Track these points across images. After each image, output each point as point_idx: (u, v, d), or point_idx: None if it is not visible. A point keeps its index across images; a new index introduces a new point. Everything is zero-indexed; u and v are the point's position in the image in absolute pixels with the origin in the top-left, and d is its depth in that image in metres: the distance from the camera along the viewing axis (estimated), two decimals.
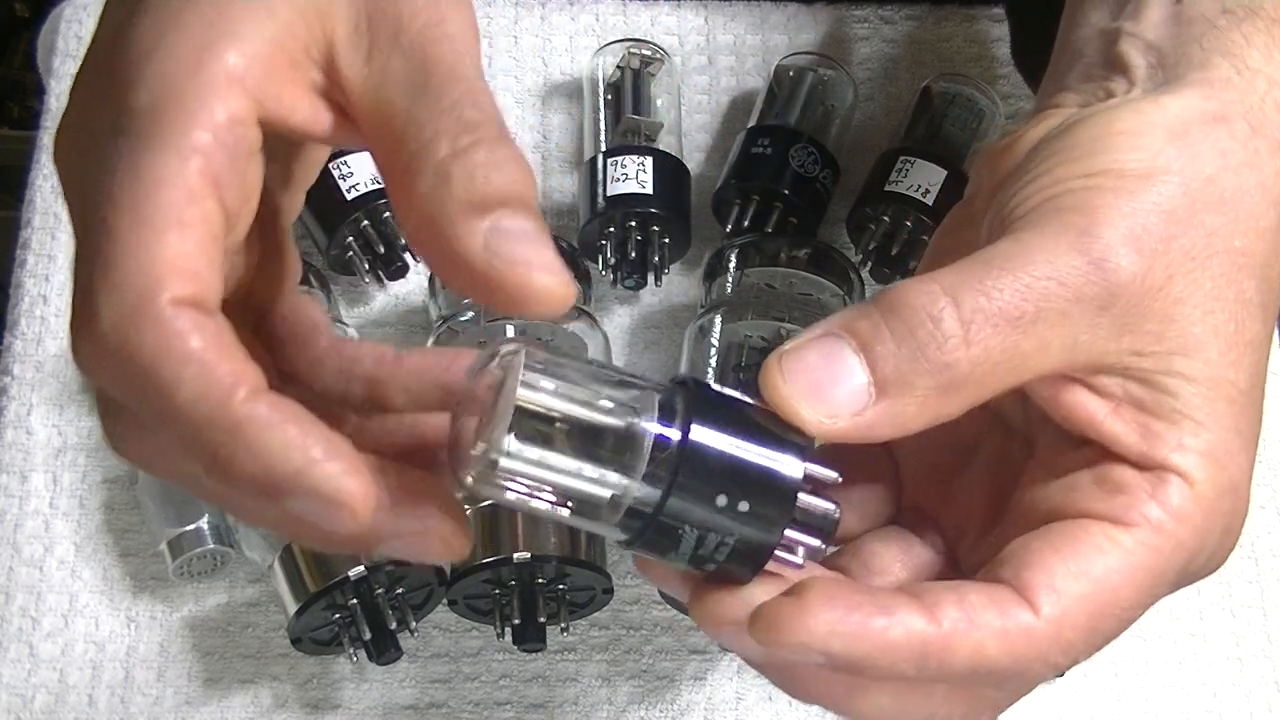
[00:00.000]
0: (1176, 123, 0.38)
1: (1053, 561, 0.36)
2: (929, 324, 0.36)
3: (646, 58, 0.69)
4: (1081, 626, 0.36)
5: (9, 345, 0.65)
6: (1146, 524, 0.36)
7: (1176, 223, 0.37)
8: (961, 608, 0.35)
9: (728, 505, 0.35)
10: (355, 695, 0.59)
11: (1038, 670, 0.36)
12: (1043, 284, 0.36)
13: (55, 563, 0.61)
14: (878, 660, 0.35)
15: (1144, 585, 0.36)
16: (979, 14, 0.74)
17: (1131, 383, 0.37)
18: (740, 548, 0.35)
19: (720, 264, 0.62)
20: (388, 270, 0.65)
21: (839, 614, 0.34)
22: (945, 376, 0.36)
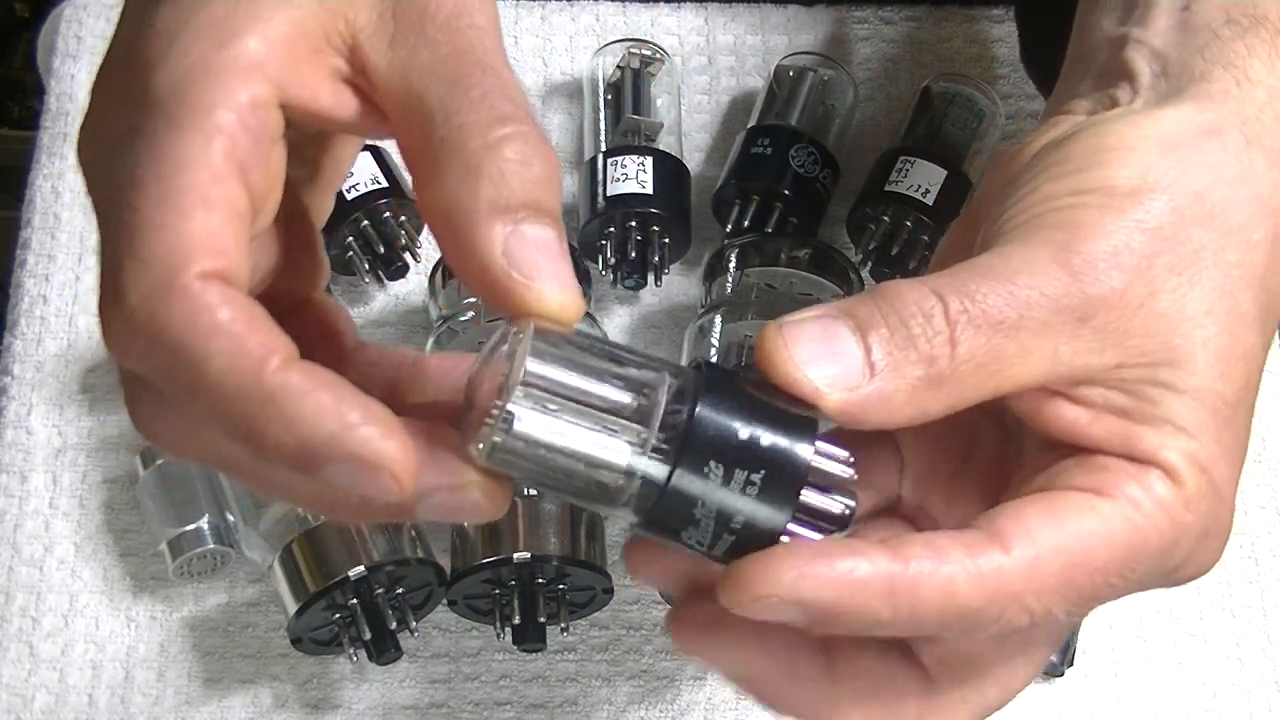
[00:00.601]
0: (1170, 137, 0.39)
1: (1028, 513, 0.36)
2: (920, 317, 0.36)
3: (646, 58, 0.69)
4: (1055, 574, 0.36)
5: (9, 345, 0.65)
6: (1126, 499, 0.36)
7: (1162, 239, 0.37)
8: (929, 548, 0.35)
9: (740, 476, 0.35)
10: (355, 695, 0.59)
11: (1013, 614, 0.36)
12: (1025, 292, 0.36)
13: (55, 563, 0.61)
14: (849, 602, 0.35)
15: (1119, 553, 0.36)
16: (979, 14, 0.74)
17: (1114, 393, 0.37)
18: (751, 527, 0.35)
19: (720, 264, 0.62)
20: (388, 270, 0.65)
21: (804, 559, 0.35)
22: (933, 369, 0.36)
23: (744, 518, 0.35)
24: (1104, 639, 0.61)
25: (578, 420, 0.35)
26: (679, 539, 0.36)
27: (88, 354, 0.65)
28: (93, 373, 0.65)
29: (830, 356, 0.36)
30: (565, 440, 0.34)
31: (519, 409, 0.34)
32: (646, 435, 0.35)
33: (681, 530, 0.36)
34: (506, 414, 0.34)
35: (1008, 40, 0.74)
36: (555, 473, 0.35)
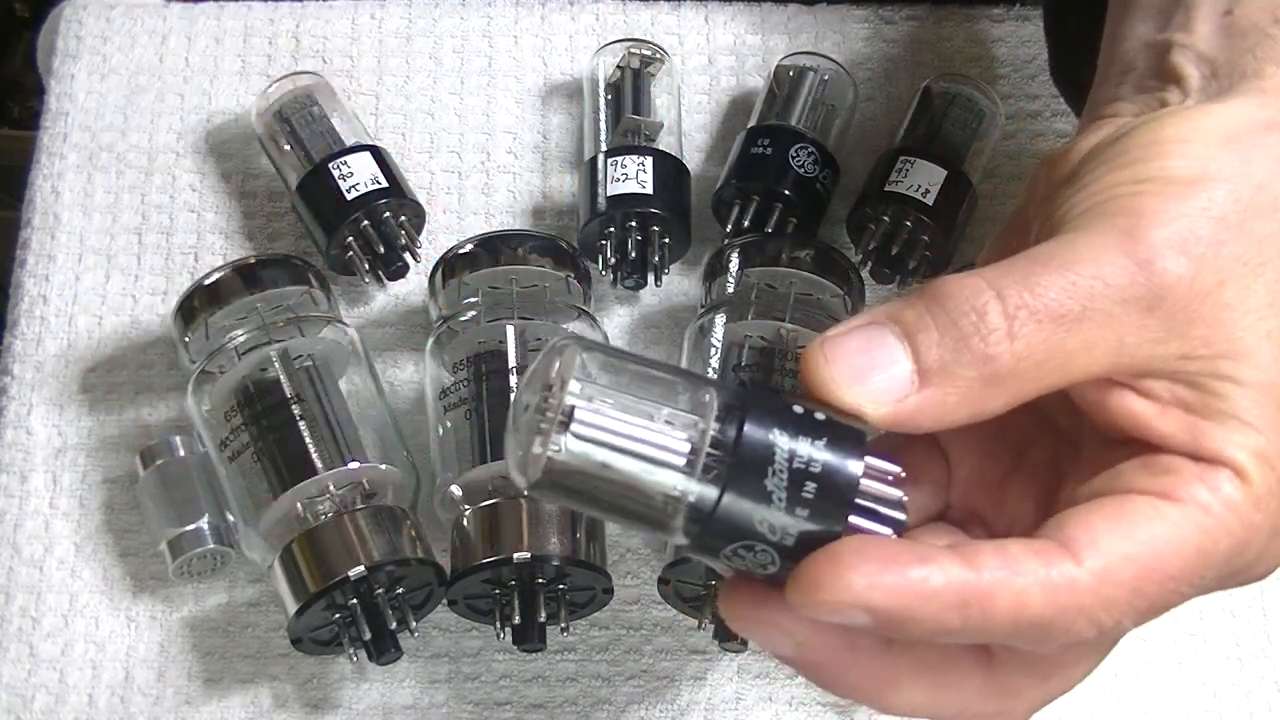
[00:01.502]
0: (1229, 129, 0.38)
1: (1096, 521, 0.36)
2: (973, 315, 0.36)
3: (646, 58, 0.69)
4: (1125, 584, 0.35)
5: (9, 345, 0.65)
6: (1194, 502, 0.36)
7: (1227, 228, 0.37)
8: (1002, 557, 0.35)
9: (790, 495, 0.34)
10: (355, 695, 0.59)
11: (1080, 626, 0.35)
12: (1089, 283, 0.36)
13: (55, 563, 0.61)
14: (919, 611, 0.34)
15: (1190, 560, 0.36)
16: (979, 14, 0.74)
17: (1179, 386, 0.37)
18: (801, 546, 0.35)
19: (720, 264, 0.62)
20: (388, 270, 0.65)
21: (876, 566, 0.34)
22: (988, 369, 0.35)
23: (795, 534, 0.35)
24: None
25: (633, 421, 0.34)
26: (729, 558, 0.35)
27: (88, 354, 0.65)
28: (93, 373, 0.65)
29: (874, 370, 0.36)
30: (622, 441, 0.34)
31: (578, 403, 0.34)
32: (696, 452, 0.34)
33: (732, 549, 0.35)
34: (566, 408, 0.33)
35: (1008, 40, 0.74)
36: (608, 483, 0.34)
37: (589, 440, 0.34)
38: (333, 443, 0.57)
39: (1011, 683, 0.38)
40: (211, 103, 0.71)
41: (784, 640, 0.37)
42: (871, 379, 0.36)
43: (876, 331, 0.36)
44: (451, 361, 0.60)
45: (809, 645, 0.37)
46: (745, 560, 0.35)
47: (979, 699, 0.38)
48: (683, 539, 0.35)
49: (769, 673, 0.60)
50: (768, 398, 0.35)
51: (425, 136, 0.71)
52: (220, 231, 0.68)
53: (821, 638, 0.36)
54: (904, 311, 0.36)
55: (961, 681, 0.38)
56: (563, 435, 0.34)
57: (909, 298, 0.37)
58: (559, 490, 0.35)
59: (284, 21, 0.73)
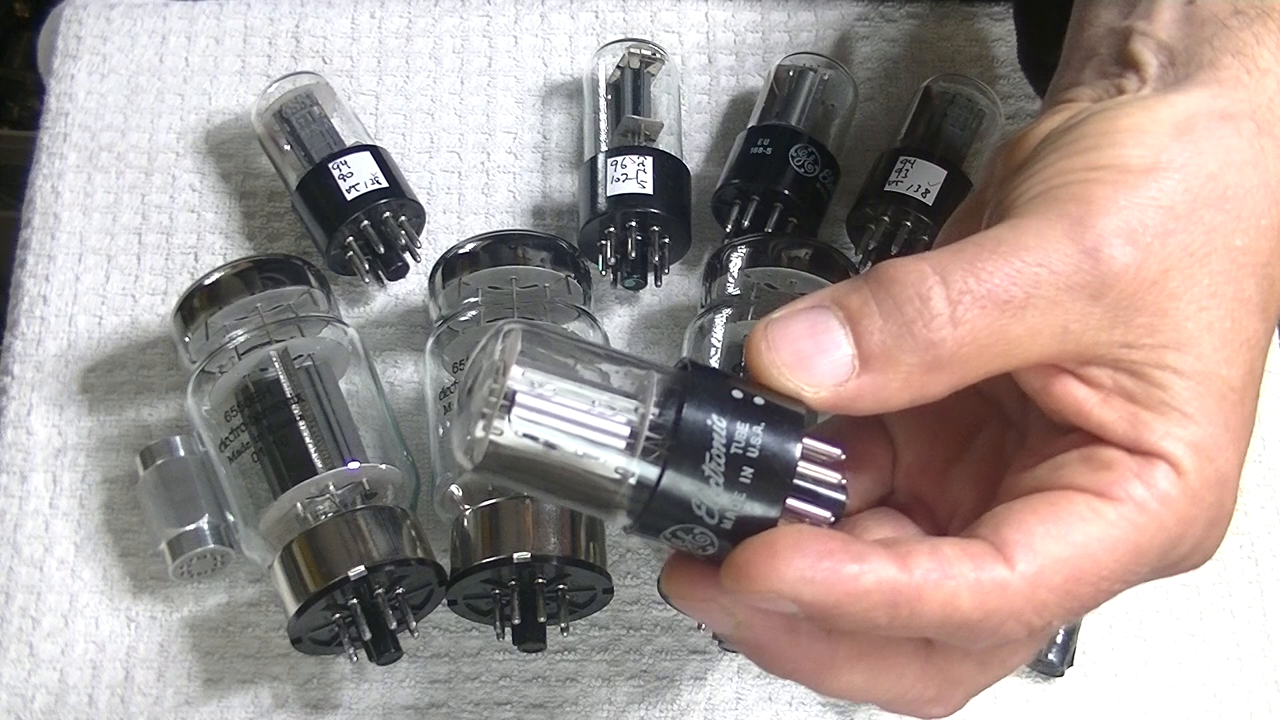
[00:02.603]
0: (1182, 119, 0.38)
1: (1031, 522, 0.36)
2: (916, 301, 0.36)
3: (646, 57, 0.69)
4: (1057, 588, 0.36)
5: (9, 345, 0.65)
6: (1130, 500, 0.36)
7: (1175, 218, 0.37)
8: (935, 558, 0.35)
9: (729, 476, 0.35)
10: (355, 695, 0.59)
11: (1010, 628, 0.36)
12: (1033, 270, 0.36)
13: (55, 563, 0.61)
14: (849, 608, 0.35)
15: (1123, 559, 0.36)
16: (979, 13, 0.74)
17: (1121, 374, 0.37)
18: (741, 527, 0.35)
19: (720, 264, 0.62)
20: (388, 270, 0.65)
21: (810, 560, 0.34)
22: (930, 354, 0.36)
23: (734, 517, 0.35)
24: (1104, 639, 0.61)
25: (574, 405, 0.35)
26: (670, 539, 0.36)
27: (88, 354, 0.65)
28: (93, 373, 0.65)
29: (817, 354, 0.36)
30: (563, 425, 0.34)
31: (519, 388, 0.34)
32: (636, 436, 0.35)
33: (672, 530, 0.35)
34: (508, 393, 0.34)
35: (1008, 40, 0.74)
36: (550, 466, 0.35)
37: (530, 423, 0.35)
38: (333, 443, 0.57)
39: (950, 669, 0.38)
40: (211, 103, 0.71)
41: (724, 618, 0.37)
42: (813, 363, 0.36)
43: (820, 316, 0.36)
44: (451, 361, 0.60)
45: (748, 626, 0.37)
46: (685, 541, 0.36)
47: (918, 684, 0.38)
48: (626, 520, 0.36)
49: (769, 673, 0.60)
50: (709, 382, 0.36)
51: (425, 136, 0.71)
52: (220, 231, 0.68)
53: (760, 619, 0.37)
54: (848, 296, 0.37)
55: (900, 666, 0.38)
56: (504, 419, 0.34)
57: (854, 280, 0.37)
58: (503, 472, 0.35)
59: (284, 21, 0.73)
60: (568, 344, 0.36)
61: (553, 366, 0.35)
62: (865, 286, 0.37)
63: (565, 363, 0.36)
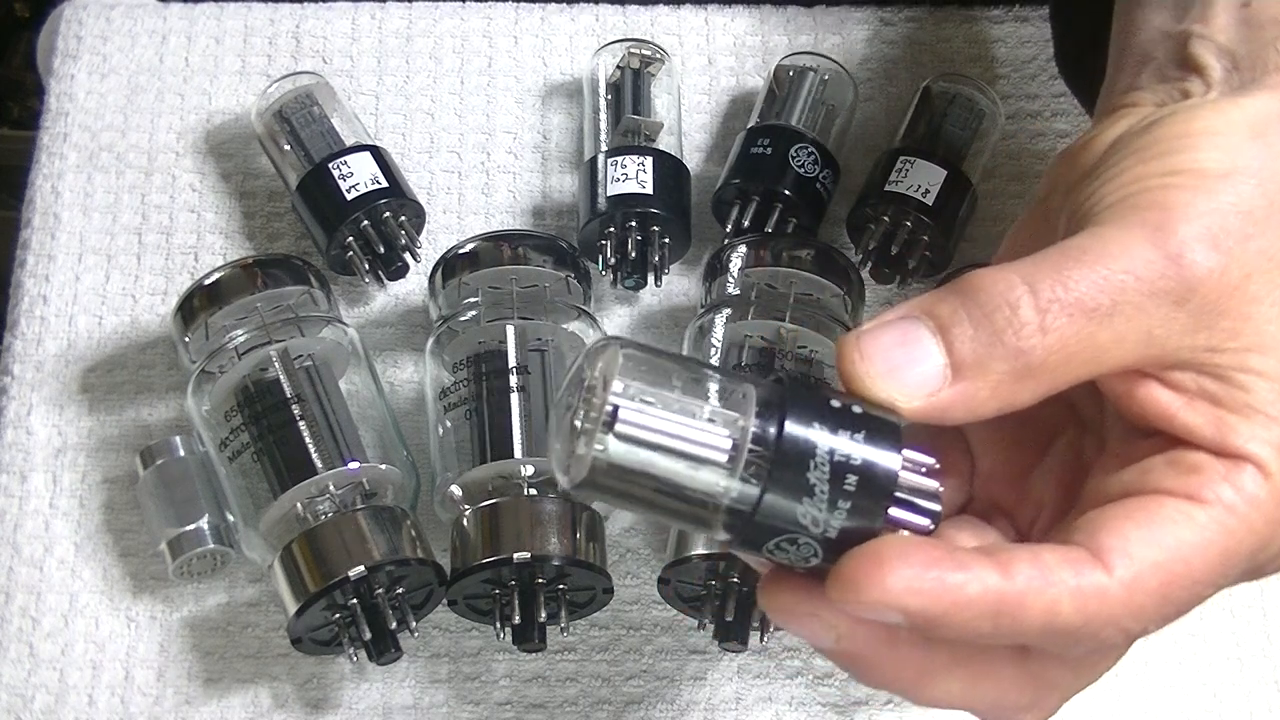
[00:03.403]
0: (1257, 123, 0.39)
1: (1127, 527, 0.36)
2: (1006, 310, 0.36)
3: (646, 58, 0.69)
4: (1154, 592, 0.36)
5: (9, 345, 0.65)
6: (1220, 503, 0.36)
7: (1254, 223, 0.37)
8: (1036, 565, 0.35)
9: (830, 489, 0.35)
10: (355, 695, 0.59)
11: (1109, 634, 0.36)
12: (1120, 277, 0.36)
13: (55, 563, 0.61)
14: (955, 617, 0.35)
15: (1215, 561, 0.36)
16: (979, 14, 0.75)
17: (1205, 378, 0.37)
18: (842, 540, 0.35)
19: (720, 264, 0.62)
20: (388, 270, 0.65)
21: (915, 570, 0.34)
22: (1020, 362, 0.36)
23: (838, 528, 0.35)
24: None
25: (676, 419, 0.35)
26: (773, 551, 0.35)
27: (88, 354, 0.65)
28: (93, 373, 0.65)
29: (909, 364, 0.36)
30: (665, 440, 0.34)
31: (621, 403, 0.34)
32: (738, 449, 0.35)
33: (776, 542, 0.35)
34: (611, 408, 0.34)
35: (1007, 40, 0.74)
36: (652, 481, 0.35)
37: (633, 440, 0.34)
38: (333, 443, 0.57)
39: (1045, 674, 0.38)
40: (211, 103, 0.71)
41: (825, 632, 0.37)
42: (905, 373, 0.36)
43: (910, 326, 0.37)
44: (451, 361, 0.60)
45: (849, 638, 0.37)
46: (789, 554, 0.36)
47: (1014, 691, 0.38)
48: (725, 534, 0.36)
49: (769, 673, 0.60)
50: (805, 392, 0.36)
51: (425, 136, 0.71)
52: (220, 231, 0.68)
53: (861, 631, 0.37)
54: (938, 306, 0.37)
55: (997, 674, 0.38)
56: (607, 435, 0.34)
57: (941, 291, 0.37)
58: (602, 489, 0.35)
59: (284, 21, 0.73)
60: (666, 359, 0.36)
61: (653, 381, 0.35)
62: (954, 296, 0.37)
63: (664, 378, 0.35)
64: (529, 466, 0.57)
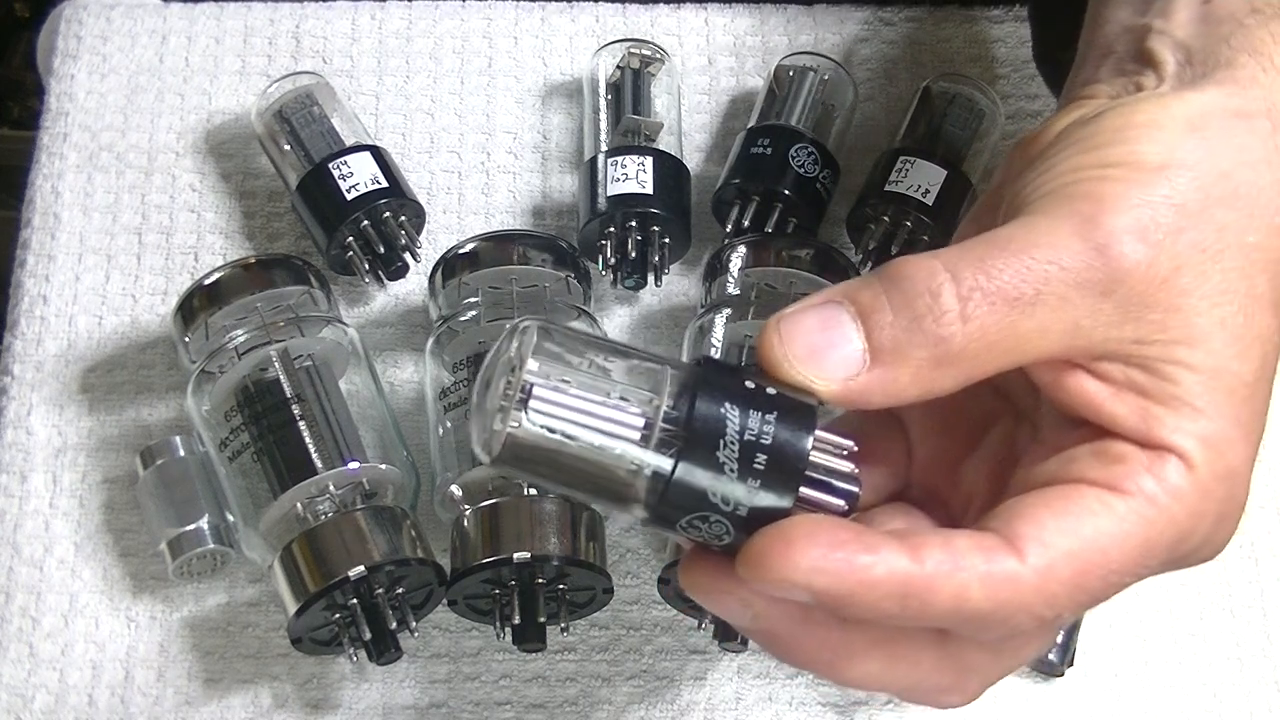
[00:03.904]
0: (1196, 117, 0.39)
1: (1043, 515, 0.36)
2: (927, 297, 0.36)
3: (646, 58, 0.69)
4: (1067, 581, 0.36)
5: (9, 345, 0.65)
6: (1141, 494, 0.36)
7: (1187, 216, 0.37)
8: (947, 550, 0.35)
9: (741, 467, 0.35)
10: (355, 695, 0.59)
11: (1021, 620, 0.36)
12: (1044, 267, 0.36)
13: (55, 563, 0.61)
14: (861, 598, 0.35)
15: (1133, 553, 0.36)
16: (979, 14, 0.75)
17: (1133, 369, 0.37)
18: (754, 517, 0.35)
19: (720, 264, 0.62)
20: (388, 270, 0.65)
21: (823, 550, 0.35)
22: (940, 350, 0.36)
23: (748, 506, 0.35)
24: (1104, 639, 0.61)
25: (590, 397, 0.35)
26: (686, 529, 0.36)
27: (88, 354, 0.65)
28: (93, 373, 0.65)
29: (828, 348, 0.36)
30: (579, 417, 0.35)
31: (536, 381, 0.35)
32: (651, 427, 0.35)
33: (688, 519, 0.36)
34: (525, 385, 0.34)
35: (1007, 40, 0.74)
36: (567, 458, 0.35)
37: (546, 416, 0.35)
38: (333, 443, 0.57)
39: (965, 657, 0.38)
40: (211, 103, 0.71)
41: (740, 610, 0.37)
42: (823, 357, 0.36)
43: (831, 310, 0.37)
44: (451, 361, 0.60)
45: (764, 616, 0.37)
46: (701, 531, 0.36)
47: (934, 673, 0.38)
48: (642, 512, 0.36)
49: (769, 673, 0.60)
50: (721, 374, 0.36)
51: (425, 136, 0.71)
52: (220, 231, 0.68)
53: (777, 609, 0.37)
54: (860, 291, 0.37)
55: (916, 655, 0.38)
56: (521, 412, 0.34)
57: (866, 277, 0.38)
58: (521, 464, 0.36)
59: (284, 21, 0.73)
60: (583, 339, 0.37)
61: (568, 361, 0.36)
62: (877, 282, 0.37)
63: (580, 357, 0.36)
64: None
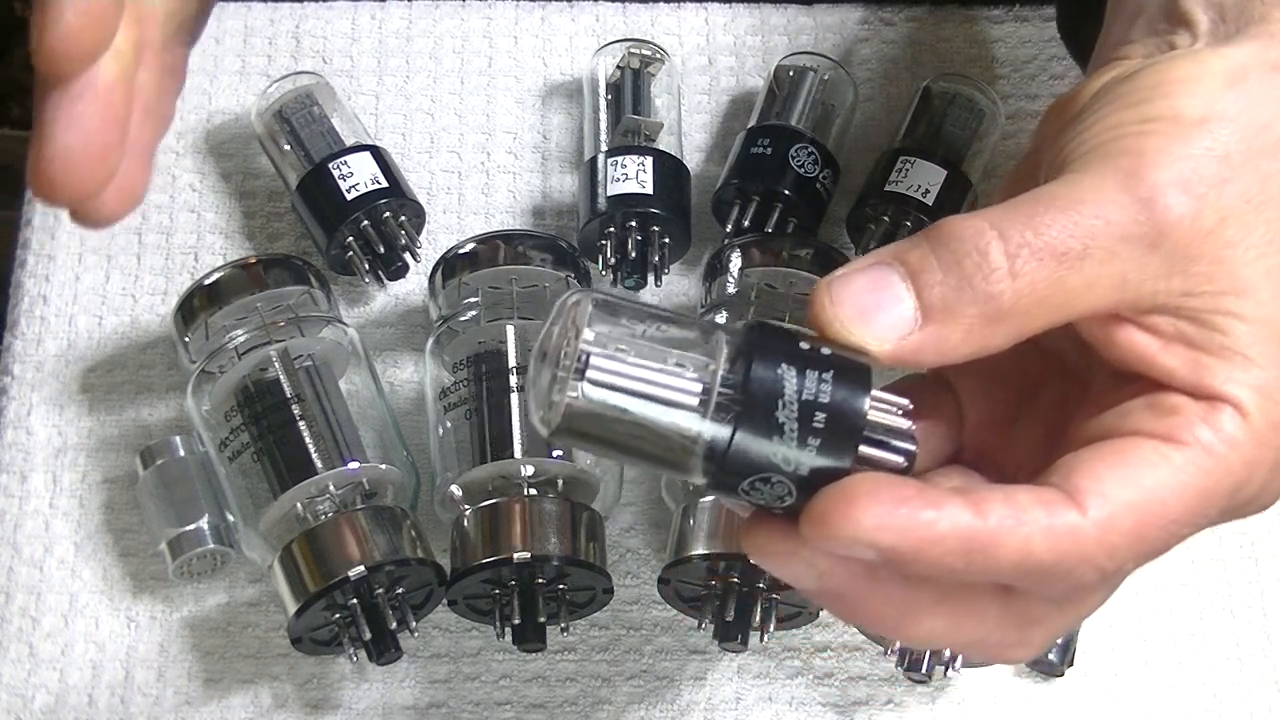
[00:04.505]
0: (1234, 70, 0.39)
1: (1101, 469, 0.36)
2: (975, 255, 0.36)
3: (646, 58, 0.69)
4: (1128, 532, 0.36)
5: (9, 345, 0.65)
6: (1198, 444, 0.36)
7: (1230, 167, 0.37)
8: (1009, 505, 0.36)
9: (799, 429, 0.35)
10: (355, 695, 0.59)
11: (1083, 573, 0.36)
12: (1090, 222, 0.36)
13: (55, 563, 0.61)
14: (925, 554, 0.35)
15: (1192, 502, 0.36)
16: (979, 14, 0.75)
17: (1182, 321, 0.37)
18: (814, 479, 0.36)
19: (720, 264, 0.62)
20: (388, 270, 0.65)
21: (887, 508, 0.35)
22: (990, 306, 0.36)
23: (809, 465, 0.35)
24: (1104, 639, 0.61)
25: (647, 364, 0.35)
26: (748, 492, 0.36)
27: (88, 354, 0.65)
28: (93, 373, 0.65)
29: (879, 309, 0.37)
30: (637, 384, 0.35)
31: (593, 350, 0.35)
32: (709, 391, 0.35)
33: (750, 482, 0.36)
34: (582, 354, 0.35)
35: (1007, 40, 0.74)
36: (626, 426, 0.35)
37: (604, 385, 0.35)
38: (333, 443, 0.57)
39: (1030, 611, 0.39)
40: (211, 103, 0.71)
41: (806, 571, 0.37)
42: (875, 317, 0.37)
43: (881, 271, 0.37)
44: (451, 361, 0.60)
45: (830, 575, 0.37)
46: (763, 494, 0.36)
47: (999, 628, 0.38)
48: (701, 478, 0.36)
49: (769, 673, 0.60)
50: (775, 337, 0.37)
51: (425, 136, 0.71)
52: (220, 231, 0.68)
53: (842, 568, 0.37)
54: (909, 252, 0.37)
55: (981, 611, 0.38)
56: (580, 381, 0.35)
57: (913, 238, 0.38)
58: (578, 436, 0.36)
59: (284, 21, 0.73)
60: (636, 308, 0.37)
61: (624, 330, 0.36)
62: (924, 243, 0.37)
63: (636, 326, 0.36)
64: (529, 466, 0.57)
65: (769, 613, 0.56)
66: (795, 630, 0.60)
